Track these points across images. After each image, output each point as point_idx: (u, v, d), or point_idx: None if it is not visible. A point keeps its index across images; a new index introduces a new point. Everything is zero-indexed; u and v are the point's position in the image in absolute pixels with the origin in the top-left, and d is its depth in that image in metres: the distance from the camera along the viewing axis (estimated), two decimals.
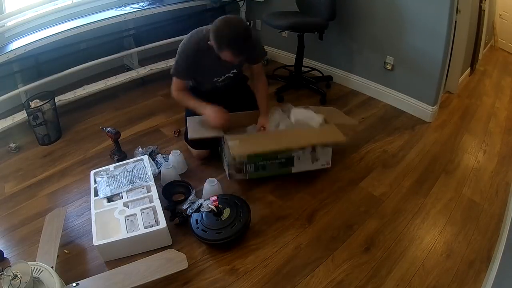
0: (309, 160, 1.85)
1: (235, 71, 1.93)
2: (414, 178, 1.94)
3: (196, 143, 1.96)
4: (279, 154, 1.77)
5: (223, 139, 1.80)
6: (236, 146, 1.66)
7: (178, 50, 1.80)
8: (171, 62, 2.98)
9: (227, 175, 1.85)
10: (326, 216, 1.69)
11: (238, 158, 1.70)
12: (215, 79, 1.92)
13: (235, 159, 1.70)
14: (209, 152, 2.03)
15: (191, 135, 1.82)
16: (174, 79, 1.87)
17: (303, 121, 1.86)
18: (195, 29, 1.82)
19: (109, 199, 1.65)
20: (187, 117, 1.95)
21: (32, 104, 2.19)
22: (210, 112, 1.80)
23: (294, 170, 1.85)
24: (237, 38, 1.57)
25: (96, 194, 1.66)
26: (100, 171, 1.80)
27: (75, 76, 2.72)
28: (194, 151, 2.03)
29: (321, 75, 3.03)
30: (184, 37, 1.81)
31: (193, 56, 1.77)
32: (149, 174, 1.74)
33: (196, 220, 1.55)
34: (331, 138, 1.82)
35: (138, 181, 1.71)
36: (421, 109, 2.49)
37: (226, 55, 1.63)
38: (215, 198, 1.59)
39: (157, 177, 1.85)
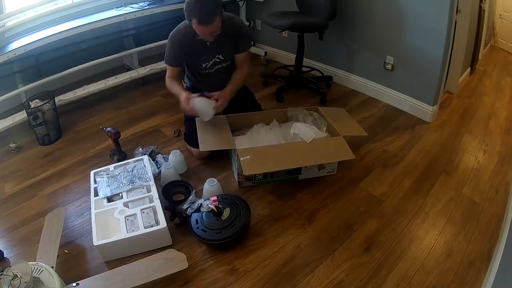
0: (315, 168, 1.88)
1: (220, 56, 1.96)
2: (414, 178, 1.94)
3: (197, 144, 1.96)
4: None
5: (234, 150, 1.80)
6: (247, 165, 1.66)
7: (168, 38, 1.87)
8: None
9: (236, 182, 1.86)
10: (326, 216, 1.69)
11: (250, 173, 1.72)
12: (204, 65, 1.96)
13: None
14: (210, 152, 2.03)
15: (203, 147, 1.79)
16: (167, 66, 1.97)
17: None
18: None
19: (109, 199, 1.64)
20: (196, 122, 1.93)
21: (32, 104, 2.19)
22: (182, 98, 1.85)
23: (301, 177, 1.88)
24: (201, 5, 1.62)
25: (96, 194, 1.66)
26: (100, 171, 1.80)
27: (75, 76, 2.72)
28: (194, 151, 2.03)
29: (321, 75, 3.03)
30: None
31: (181, 42, 1.85)
32: (149, 174, 1.74)
33: (196, 220, 1.55)
34: (340, 156, 1.84)
35: (138, 181, 1.71)
36: (421, 109, 2.49)
37: (197, 28, 1.69)
38: (215, 198, 1.59)
39: (157, 177, 1.85)
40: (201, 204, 1.61)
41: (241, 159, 1.67)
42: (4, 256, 1.48)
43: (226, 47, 1.93)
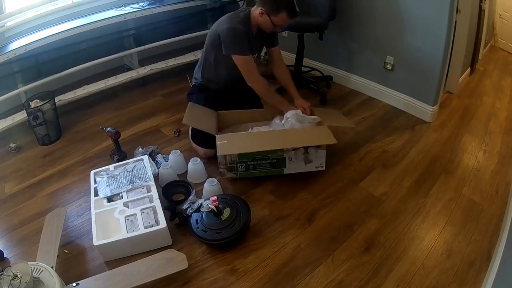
0: (302, 162, 1.84)
1: (258, 52, 2.07)
2: (414, 178, 1.94)
3: (204, 142, 1.96)
4: (269, 154, 1.78)
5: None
6: (223, 146, 1.69)
7: (228, 34, 1.84)
8: (171, 62, 3.00)
9: (220, 172, 1.85)
10: (326, 216, 1.69)
11: (224, 154, 1.75)
12: (254, 57, 2.00)
13: (225, 157, 1.75)
14: (215, 152, 2.01)
15: (186, 121, 1.88)
16: (248, 59, 1.90)
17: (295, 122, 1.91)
18: (223, 17, 1.91)
19: (109, 199, 1.64)
20: (189, 103, 2.00)
21: (32, 104, 2.19)
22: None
23: (286, 171, 1.85)
24: (291, 1, 1.83)
25: (96, 194, 1.66)
26: (100, 171, 1.80)
27: (75, 76, 2.72)
28: (200, 150, 2.01)
29: (321, 75, 3.03)
30: (219, 22, 1.89)
31: (245, 33, 1.87)
32: (149, 174, 1.74)
33: (196, 220, 1.55)
34: (321, 140, 1.80)
35: (138, 181, 1.71)
36: (421, 109, 2.49)
37: (281, 17, 1.82)
38: (215, 198, 1.59)
39: (157, 177, 1.85)
40: (201, 204, 1.61)
41: (218, 142, 1.67)
42: (4, 256, 1.48)
43: (262, 44, 2.09)
